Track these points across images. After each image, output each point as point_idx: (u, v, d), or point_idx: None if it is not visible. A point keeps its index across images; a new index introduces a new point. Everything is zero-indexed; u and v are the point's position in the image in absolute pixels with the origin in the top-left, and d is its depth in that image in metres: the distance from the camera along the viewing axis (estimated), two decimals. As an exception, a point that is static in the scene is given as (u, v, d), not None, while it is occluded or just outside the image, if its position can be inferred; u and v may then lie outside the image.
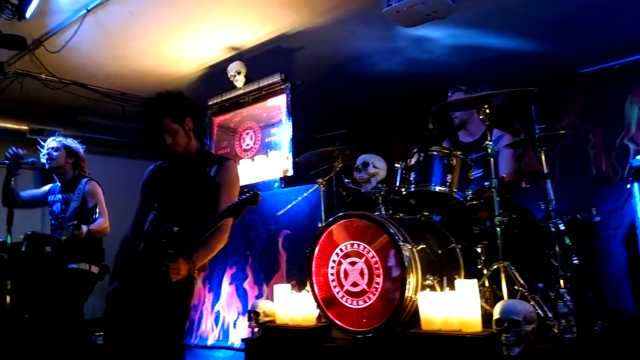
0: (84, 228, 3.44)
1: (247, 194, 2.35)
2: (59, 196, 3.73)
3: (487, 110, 3.03)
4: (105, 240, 3.82)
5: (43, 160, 3.75)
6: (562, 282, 2.86)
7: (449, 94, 3.91)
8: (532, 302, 2.65)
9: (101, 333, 4.97)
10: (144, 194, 2.77)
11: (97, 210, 3.54)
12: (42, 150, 3.77)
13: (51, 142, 3.75)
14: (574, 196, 5.10)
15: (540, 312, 2.66)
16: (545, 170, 3.13)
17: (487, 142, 3.02)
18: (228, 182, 2.65)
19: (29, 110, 5.56)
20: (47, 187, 3.89)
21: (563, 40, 4.67)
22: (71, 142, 3.82)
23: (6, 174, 3.59)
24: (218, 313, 4.53)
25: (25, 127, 5.46)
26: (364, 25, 4.26)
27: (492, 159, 2.99)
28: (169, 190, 2.66)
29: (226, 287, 4.56)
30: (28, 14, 3.50)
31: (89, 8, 3.82)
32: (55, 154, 3.70)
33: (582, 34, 4.55)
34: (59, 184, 3.77)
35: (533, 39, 4.62)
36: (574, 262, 3.06)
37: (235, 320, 4.45)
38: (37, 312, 3.54)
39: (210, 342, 4.44)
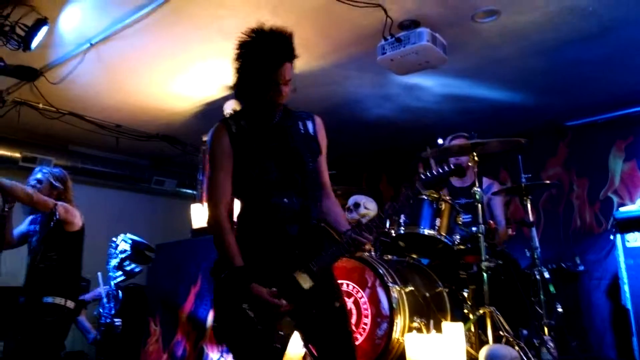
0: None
1: (448, 167, 1.98)
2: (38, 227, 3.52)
3: (476, 158, 3.13)
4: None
5: None
6: (546, 329, 2.90)
7: (447, 140, 3.92)
8: (516, 348, 2.68)
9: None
10: (227, 163, 2.02)
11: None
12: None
13: (37, 174, 3.55)
14: (559, 245, 5.17)
15: (525, 358, 2.68)
16: (531, 219, 3.21)
17: (475, 189, 3.10)
18: (325, 142, 2.23)
19: (23, 138, 5.60)
20: (29, 218, 3.66)
21: (551, 93, 4.84)
22: (58, 173, 3.61)
23: None
24: (202, 349, 4.47)
25: (18, 155, 5.48)
26: (359, 70, 4.39)
27: (479, 205, 3.07)
28: (275, 156, 2.05)
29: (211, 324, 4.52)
30: (34, 45, 3.55)
31: (92, 42, 3.91)
32: (38, 186, 3.49)
33: (569, 88, 4.72)
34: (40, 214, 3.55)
35: (522, 90, 4.79)
36: (558, 310, 3.11)
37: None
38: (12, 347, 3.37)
39: (193, 379, 4.37)
